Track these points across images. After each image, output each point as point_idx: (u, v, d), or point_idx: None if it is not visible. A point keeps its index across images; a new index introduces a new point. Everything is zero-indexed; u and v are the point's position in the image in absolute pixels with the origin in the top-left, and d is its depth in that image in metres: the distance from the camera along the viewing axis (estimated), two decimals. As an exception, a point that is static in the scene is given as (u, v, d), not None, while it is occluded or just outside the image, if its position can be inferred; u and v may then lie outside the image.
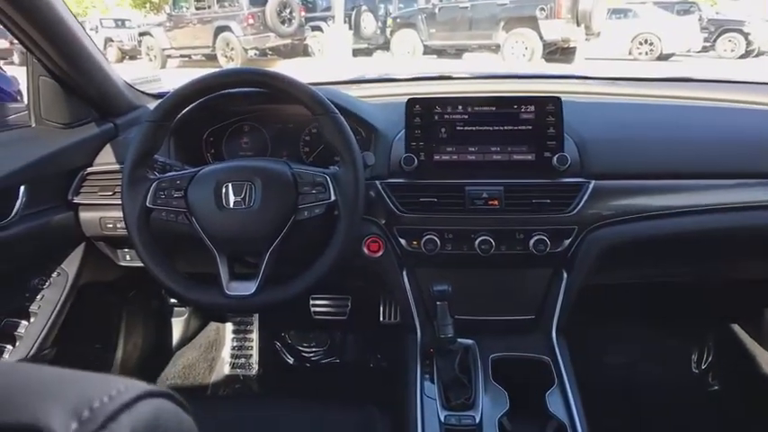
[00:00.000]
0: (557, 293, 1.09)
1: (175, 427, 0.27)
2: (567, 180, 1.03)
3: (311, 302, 1.69)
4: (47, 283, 1.16)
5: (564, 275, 1.09)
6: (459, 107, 1.03)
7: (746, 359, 1.49)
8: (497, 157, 1.04)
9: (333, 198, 0.91)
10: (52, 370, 0.27)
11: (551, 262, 1.08)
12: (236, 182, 0.92)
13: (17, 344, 1.12)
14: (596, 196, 1.03)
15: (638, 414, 1.51)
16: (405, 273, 1.11)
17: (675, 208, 1.05)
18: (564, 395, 0.97)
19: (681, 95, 1.30)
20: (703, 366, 1.63)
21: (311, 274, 0.92)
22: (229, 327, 1.81)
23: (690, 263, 1.26)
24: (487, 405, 0.95)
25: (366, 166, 0.97)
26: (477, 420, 0.92)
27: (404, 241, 1.06)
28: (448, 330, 0.95)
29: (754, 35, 10.65)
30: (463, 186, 1.03)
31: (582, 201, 1.02)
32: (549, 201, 1.02)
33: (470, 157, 1.04)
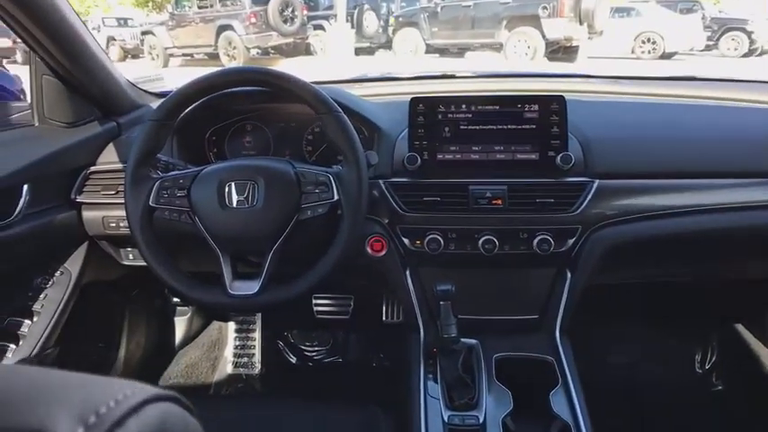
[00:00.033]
0: (560, 293, 1.09)
1: (182, 431, 0.27)
2: (571, 179, 1.03)
3: (314, 302, 1.69)
4: (50, 282, 1.16)
5: (568, 275, 1.08)
6: (463, 106, 1.03)
7: (750, 359, 1.49)
8: (501, 157, 1.03)
9: (336, 197, 0.91)
10: (58, 373, 0.27)
11: (555, 262, 1.08)
12: (238, 181, 0.91)
13: (20, 343, 1.12)
14: (600, 196, 1.02)
15: (642, 414, 1.51)
16: (408, 272, 1.11)
17: (679, 207, 1.04)
18: (568, 395, 0.96)
19: (685, 94, 1.29)
20: (707, 366, 1.62)
21: (314, 273, 0.91)
22: (232, 326, 1.81)
23: (691, 263, 1.25)
24: (491, 405, 0.94)
25: (369, 165, 0.96)
26: (481, 420, 0.92)
27: (407, 241, 1.06)
28: (451, 330, 0.95)
29: (757, 34, 10.63)
30: (467, 186, 1.03)
31: (586, 200, 1.02)
32: (552, 200, 1.01)
33: (474, 157, 1.04)
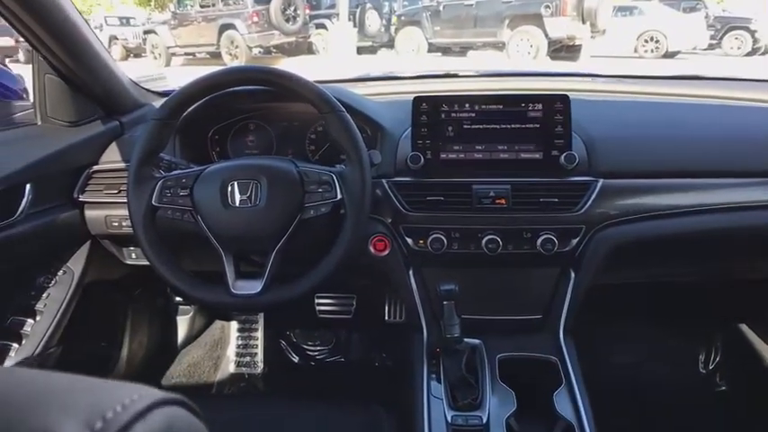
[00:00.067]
0: (564, 293, 1.08)
1: None
2: (575, 179, 1.02)
3: (316, 301, 1.69)
4: (52, 282, 1.16)
5: (571, 275, 1.08)
6: (467, 105, 1.03)
7: (754, 359, 1.48)
8: (505, 156, 1.03)
9: (339, 197, 0.91)
10: (64, 377, 0.26)
11: (559, 261, 1.07)
12: (241, 180, 0.91)
13: (23, 342, 1.12)
14: (604, 195, 1.02)
15: (646, 414, 1.50)
16: (411, 272, 1.10)
17: (684, 207, 1.04)
18: (571, 395, 0.96)
19: (688, 93, 1.28)
20: (711, 366, 1.61)
21: (317, 273, 0.91)
22: (234, 325, 1.81)
23: (695, 263, 1.25)
24: (495, 405, 0.94)
25: (372, 164, 0.96)
26: (485, 421, 0.91)
27: (410, 240, 1.06)
28: (454, 330, 0.94)
29: (760, 33, 10.62)
30: (470, 185, 1.02)
31: (590, 200, 1.01)
32: (556, 200, 1.01)
33: (477, 156, 1.04)
